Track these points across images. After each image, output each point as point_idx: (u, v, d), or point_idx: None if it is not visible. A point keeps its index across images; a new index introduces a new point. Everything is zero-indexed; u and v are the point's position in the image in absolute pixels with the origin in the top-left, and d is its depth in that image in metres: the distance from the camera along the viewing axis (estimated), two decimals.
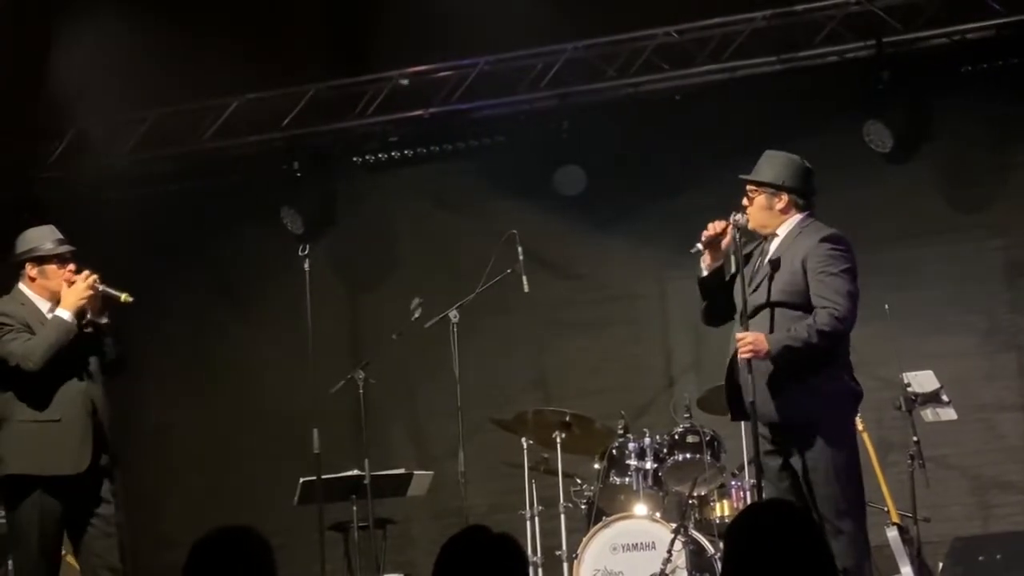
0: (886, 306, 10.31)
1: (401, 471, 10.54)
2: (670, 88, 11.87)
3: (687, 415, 10.02)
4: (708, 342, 11.57)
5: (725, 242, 7.67)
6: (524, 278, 9.54)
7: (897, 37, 11.17)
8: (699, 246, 7.69)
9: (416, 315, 9.78)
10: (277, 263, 12.05)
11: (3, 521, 8.28)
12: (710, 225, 7.64)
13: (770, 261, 7.52)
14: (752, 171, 7.80)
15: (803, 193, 7.69)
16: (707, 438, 9.79)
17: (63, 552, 8.02)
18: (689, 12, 11.62)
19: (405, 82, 12.13)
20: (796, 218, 7.62)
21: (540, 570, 10.33)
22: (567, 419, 10.08)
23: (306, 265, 9.69)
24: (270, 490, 11.64)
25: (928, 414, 9.87)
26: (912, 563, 9.35)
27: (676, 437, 9.79)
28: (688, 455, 9.73)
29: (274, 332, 12.47)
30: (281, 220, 12.47)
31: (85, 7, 11.45)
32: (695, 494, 9.74)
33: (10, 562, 8.13)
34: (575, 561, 9.72)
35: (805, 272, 7.38)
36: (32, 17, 11.61)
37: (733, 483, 9.91)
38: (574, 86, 11.93)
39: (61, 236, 8.00)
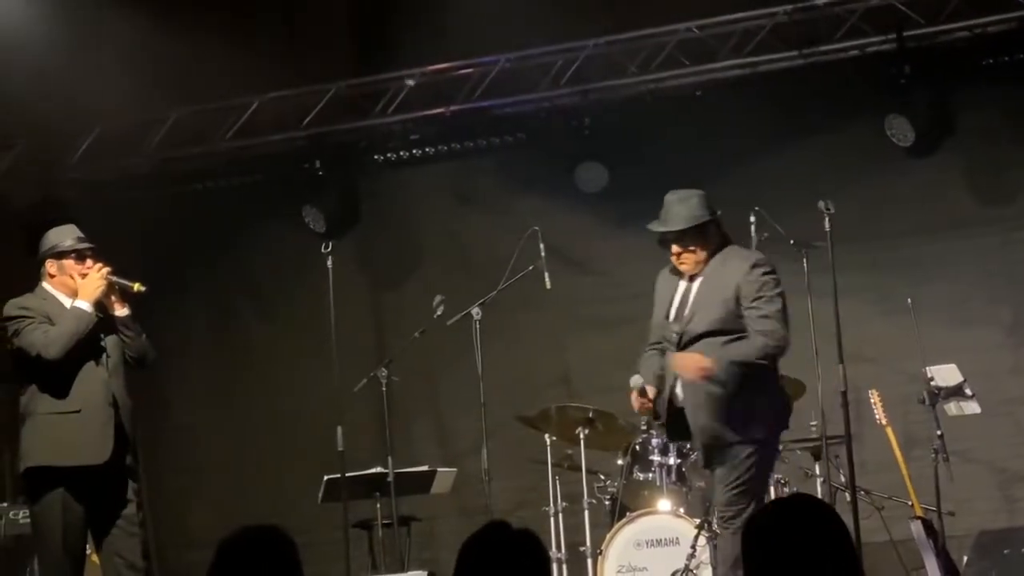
0: (909, 300, 10.29)
1: (425, 468, 10.56)
2: (691, 84, 11.86)
3: None
4: None
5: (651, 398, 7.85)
6: (546, 275, 9.54)
7: (918, 31, 11.14)
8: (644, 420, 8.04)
9: (439, 312, 9.78)
10: (300, 261, 12.08)
11: (28, 520, 8.29)
12: (638, 406, 7.85)
13: (698, 295, 7.76)
14: (671, 223, 7.83)
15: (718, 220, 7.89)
16: None
17: (87, 551, 8.03)
18: (710, 7, 11.61)
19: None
20: (718, 250, 7.84)
21: (564, 566, 10.33)
22: (590, 415, 10.08)
23: (329, 263, 9.72)
24: (294, 488, 11.67)
25: (952, 408, 9.84)
26: (937, 557, 9.33)
27: None
28: None
29: (297, 330, 12.49)
30: (303, 219, 12.48)
31: (107, 7, 11.46)
32: None
33: (36, 561, 8.16)
34: (599, 557, 9.71)
35: (738, 300, 7.63)
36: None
37: None
38: (595, 83, 11.93)
39: (81, 235, 8.05)
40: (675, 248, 7.81)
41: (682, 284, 7.88)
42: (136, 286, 7.94)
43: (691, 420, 7.72)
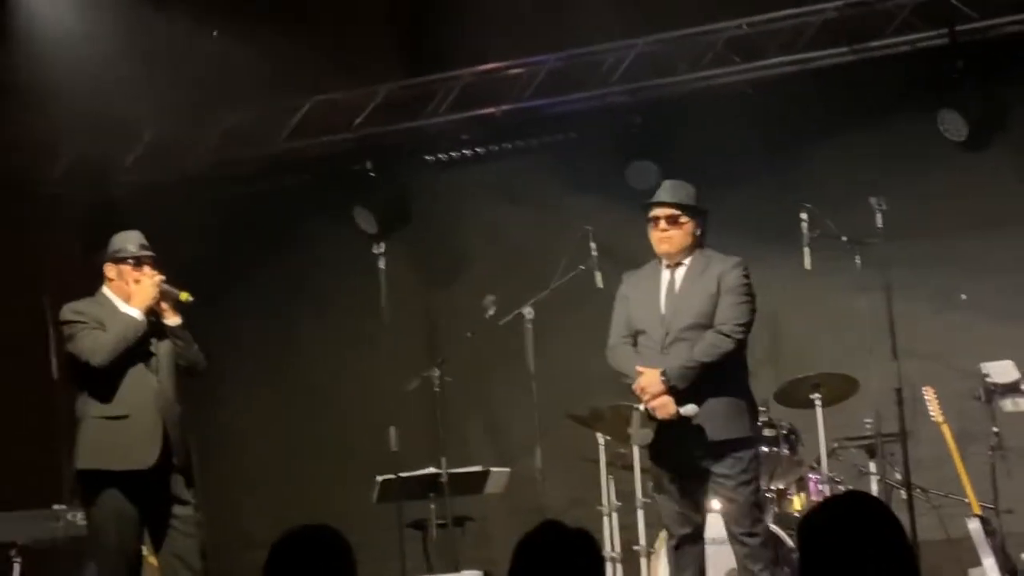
0: (963, 296, 10.26)
1: (478, 468, 10.56)
2: (742, 81, 11.82)
3: (763, 408, 9.97)
4: (784, 335, 11.56)
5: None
6: (598, 274, 9.53)
7: (970, 25, 11.07)
8: (640, 408, 7.92)
9: (490, 312, 9.78)
10: (351, 263, 12.11)
11: (85, 522, 8.36)
12: (660, 411, 7.83)
13: (682, 288, 7.93)
14: (669, 197, 8.07)
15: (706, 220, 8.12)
16: (784, 431, 9.75)
17: (144, 553, 8.08)
18: (760, 4, 11.58)
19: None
20: (698, 247, 8.04)
21: (619, 566, 10.32)
22: None
23: (381, 264, 9.74)
24: (348, 489, 11.68)
25: (1008, 404, 9.79)
26: (995, 555, 9.28)
27: None
28: (765, 448, 9.68)
29: (350, 331, 12.52)
30: (355, 220, 12.51)
31: (160, 11, 11.52)
32: (773, 487, 9.71)
33: (93, 563, 8.21)
34: (653, 556, 9.70)
35: (718, 293, 7.83)
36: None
37: (811, 476, 9.87)
38: (645, 81, 11.91)
39: (145, 242, 8.12)
40: (666, 218, 7.96)
41: (664, 276, 8.00)
42: (184, 295, 7.99)
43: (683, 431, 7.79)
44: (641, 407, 7.82)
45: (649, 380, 7.74)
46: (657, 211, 8.02)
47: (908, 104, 11.36)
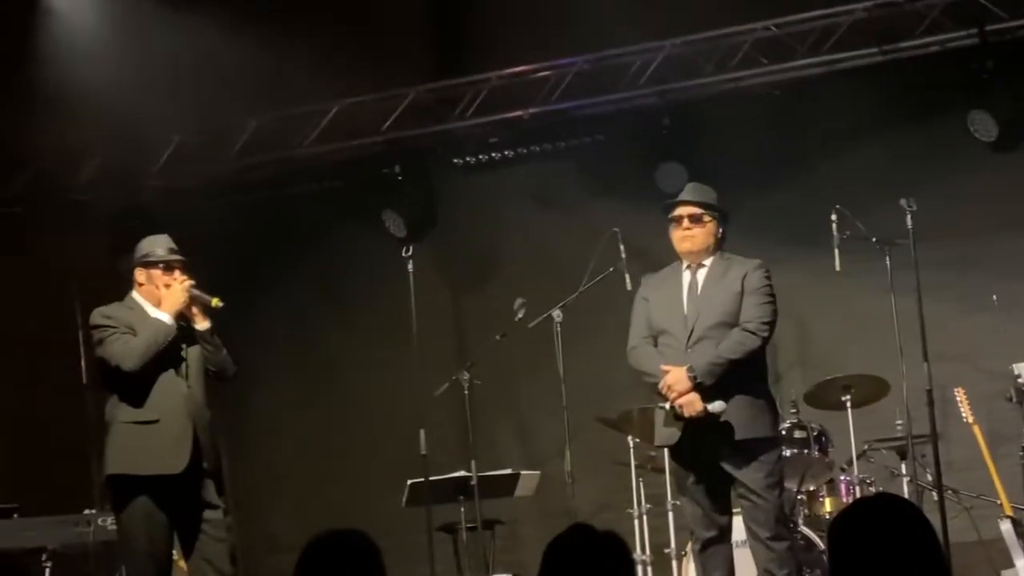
0: (994, 297, 10.22)
1: (508, 471, 10.55)
2: (770, 83, 11.79)
3: (794, 410, 9.97)
4: (814, 336, 11.53)
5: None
6: (627, 276, 9.50)
7: (1000, 25, 11.02)
8: (666, 407, 7.90)
9: (520, 315, 9.77)
10: (380, 266, 12.11)
11: (115, 527, 8.37)
12: (687, 408, 7.80)
13: (705, 287, 7.97)
14: (692, 196, 8.18)
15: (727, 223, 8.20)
16: (815, 433, 9.73)
17: (174, 557, 8.09)
18: (788, 5, 11.55)
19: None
20: (718, 250, 8.09)
21: (650, 568, 10.32)
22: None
23: (409, 267, 9.74)
24: (378, 492, 11.69)
25: None
26: None
27: (783, 432, 9.72)
28: (796, 450, 9.67)
29: (379, 335, 12.53)
30: (383, 223, 12.52)
31: (187, 16, 11.54)
32: (803, 489, 9.68)
33: (124, 568, 8.23)
34: (684, 559, 9.69)
35: (742, 293, 7.86)
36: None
37: (842, 478, 9.85)
38: (673, 83, 11.89)
39: (173, 246, 8.12)
40: (688, 217, 8.01)
41: (686, 277, 8.02)
42: (215, 301, 7.99)
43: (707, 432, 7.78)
44: (666, 406, 7.80)
45: (676, 377, 7.73)
46: (680, 210, 8.07)
47: (938, 105, 11.32)
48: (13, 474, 11.92)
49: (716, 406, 7.70)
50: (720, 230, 8.07)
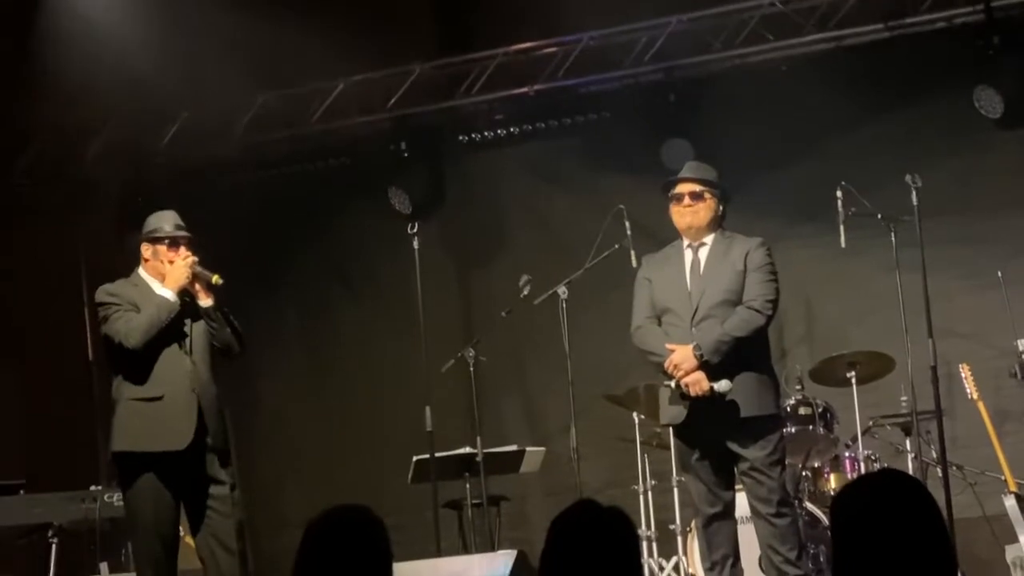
0: (999, 273, 10.21)
1: (513, 448, 10.57)
2: (776, 59, 11.78)
3: (799, 387, 9.97)
4: (819, 313, 11.54)
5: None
6: (632, 253, 9.50)
7: (1006, 1, 11.00)
8: (671, 385, 7.88)
9: (525, 292, 9.78)
10: (386, 243, 12.13)
11: (122, 503, 8.39)
12: (693, 387, 7.79)
13: (707, 266, 7.97)
14: (692, 173, 8.18)
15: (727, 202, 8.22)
16: (819, 409, 9.74)
17: (181, 533, 8.10)
18: None
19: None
20: (719, 228, 8.09)
21: (655, 544, 10.34)
22: None
23: (415, 244, 9.75)
24: (384, 469, 11.72)
25: None
26: None
27: (788, 409, 9.72)
28: (801, 427, 9.68)
29: (385, 311, 12.54)
30: (389, 200, 12.52)
31: None
32: (808, 465, 9.70)
33: (130, 544, 8.25)
34: (689, 535, 9.71)
35: (745, 271, 7.87)
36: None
37: (846, 454, 9.86)
38: (679, 59, 11.87)
39: (180, 222, 8.11)
40: (689, 194, 8.03)
41: (687, 255, 8.04)
42: (215, 278, 7.97)
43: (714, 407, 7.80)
44: (672, 384, 7.81)
45: (682, 356, 7.74)
46: (681, 187, 8.08)
47: (943, 81, 11.30)
48: (21, 451, 11.97)
49: (722, 385, 7.70)
50: (720, 208, 8.07)
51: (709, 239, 8.03)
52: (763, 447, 7.75)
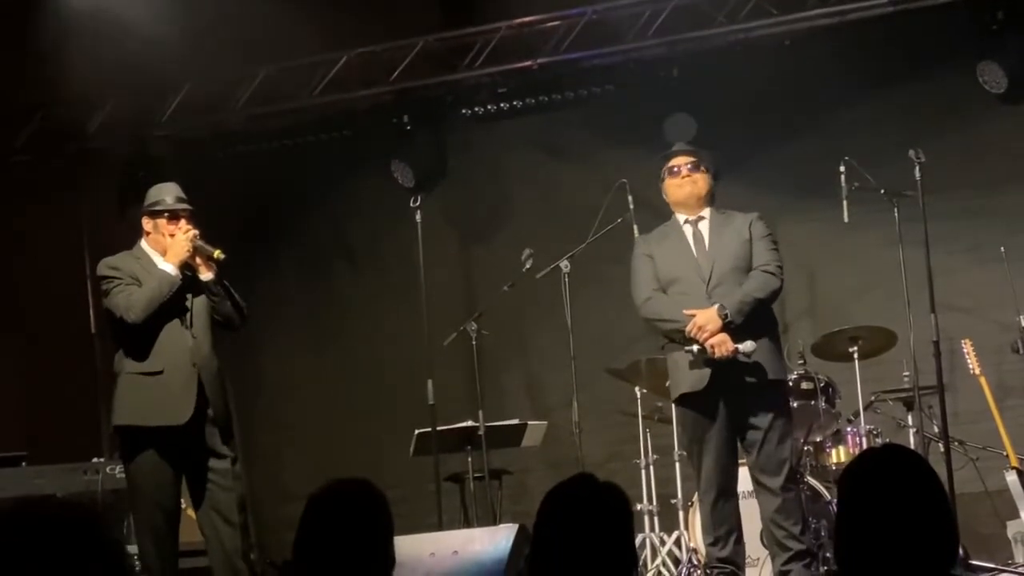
0: (1002, 248, 10.21)
1: (515, 422, 10.58)
2: (780, 33, 11.74)
3: (801, 361, 9.97)
4: (822, 287, 11.53)
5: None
6: (635, 227, 9.50)
7: None
8: (694, 349, 7.87)
9: (527, 266, 9.78)
10: (389, 216, 12.12)
11: (124, 476, 8.40)
12: (719, 348, 7.80)
13: (712, 236, 8.07)
14: (688, 147, 8.44)
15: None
16: (821, 384, 9.73)
17: (183, 506, 8.11)
18: None
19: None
20: (712, 204, 8.23)
21: (656, 518, 10.34)
22: None
23: (418, 217, 9.74)
24: (386, 442, 11.73)
25: None
26: None
27: (790, 384, 9.73)
28: (803, 401, 9.67)
29: (387, 285, 12.55)
30: (392, 173, 12.51)
31: None
32: (810, 440, 9.70)
33: (132, 517, 8.26)
34: (690, 509, 9.72)
35: (751, 240, 7.99)
36: None
37: (848, 429, 9.86)
38: (682, 33, 11.84)
39: (182, 195, 8.09)
40: (688, 164, 8.16)
41: (687, 230, 8.11)
42: (216, 253, 7.96)
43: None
44: (695, 348, 7.79)
45: (707, 317, 7.74)
46: (676, 160, 8.21)
47: (947, 56, 11.28)
48: (23, 423, 11.98)
49: (747, 346, 7.72)
50: (712, 180, 8.23)
51: (707, 212, 8.12)
52: (777, 416, 7.81)
